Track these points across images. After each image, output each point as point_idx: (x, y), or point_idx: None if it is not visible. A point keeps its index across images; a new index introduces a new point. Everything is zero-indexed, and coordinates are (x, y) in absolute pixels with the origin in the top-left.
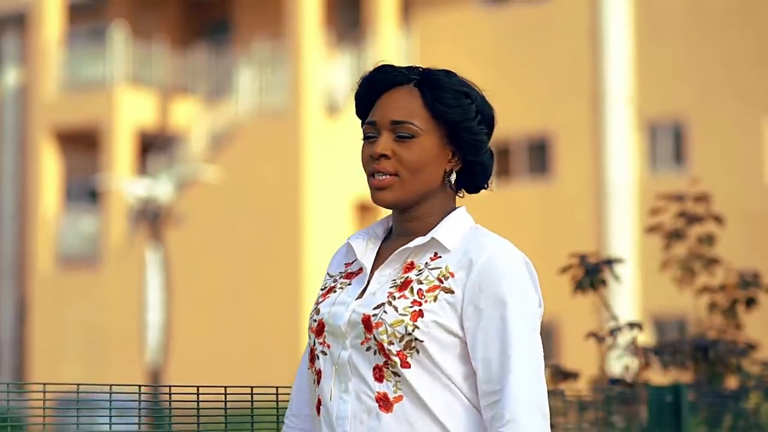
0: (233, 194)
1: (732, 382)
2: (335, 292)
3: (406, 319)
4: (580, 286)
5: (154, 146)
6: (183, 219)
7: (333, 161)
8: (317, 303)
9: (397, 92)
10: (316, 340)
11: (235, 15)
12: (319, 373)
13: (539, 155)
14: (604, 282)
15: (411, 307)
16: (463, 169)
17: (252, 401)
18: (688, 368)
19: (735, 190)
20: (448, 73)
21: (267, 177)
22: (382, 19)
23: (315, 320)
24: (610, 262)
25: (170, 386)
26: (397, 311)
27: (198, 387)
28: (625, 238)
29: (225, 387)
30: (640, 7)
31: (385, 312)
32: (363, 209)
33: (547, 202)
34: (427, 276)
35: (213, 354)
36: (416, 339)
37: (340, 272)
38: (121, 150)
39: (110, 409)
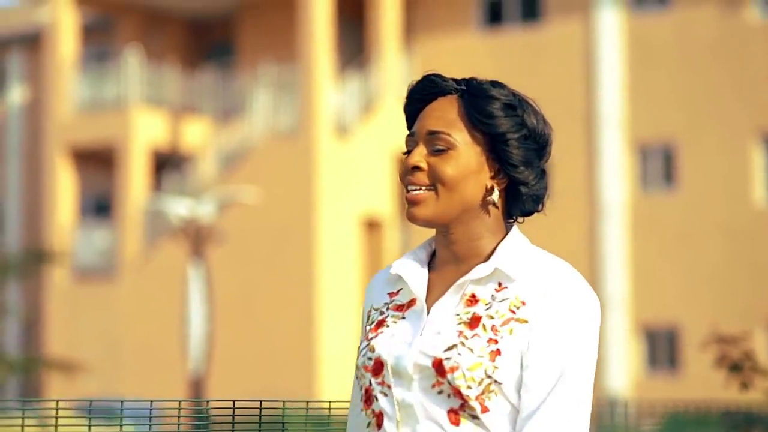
0: (246, 212)
1: None
2: (387, 326)
3: (485, 361)
4: None
5: (168, 165)
6: (224, 238)
7: (343, 181)
8: (368, 338)
9: (438, 102)
10: (372, 379)
11: (238, 37)
12: (380, 415)
13: None
14: None
15: (488, 346)
16: (510, 189)
17: (260, 414)
18: None
19: (722, 209)
20: (494, 83)
21: (279, 196)
22: (384, 45)
23: (370, 358)
24: None
25: (180, 401)
26: (473, 353)
27: (207, 401)
28: (617, 254)
29: (234, 401)
30: (632, 37)
31: (459, 354)
32: (371, 226)
33: (542, 220)
34: (498, 309)
35: (226, 364)
36: (496, 381)
37: (385, 303)
38: (136, 168)
39: (121, 417)
